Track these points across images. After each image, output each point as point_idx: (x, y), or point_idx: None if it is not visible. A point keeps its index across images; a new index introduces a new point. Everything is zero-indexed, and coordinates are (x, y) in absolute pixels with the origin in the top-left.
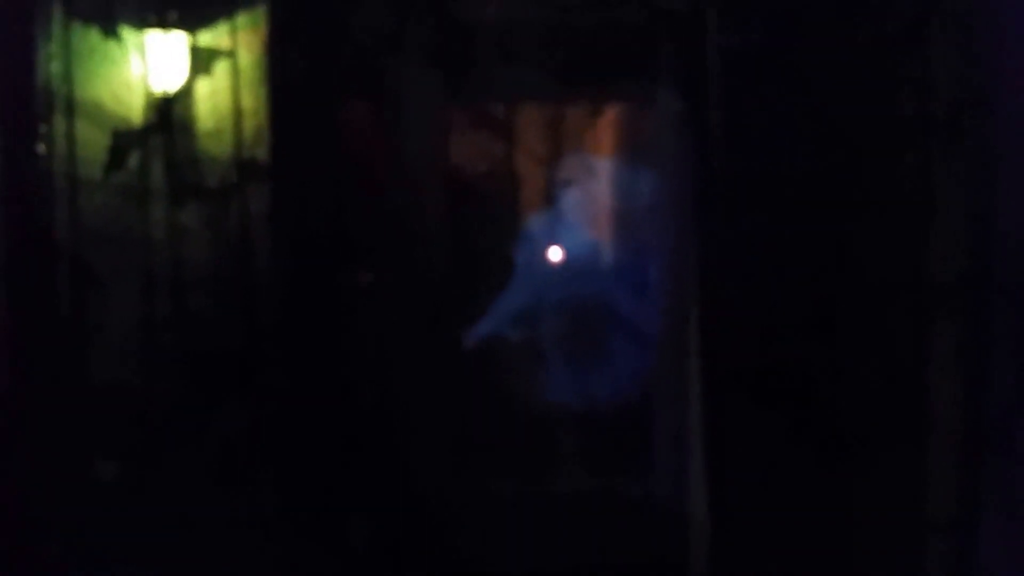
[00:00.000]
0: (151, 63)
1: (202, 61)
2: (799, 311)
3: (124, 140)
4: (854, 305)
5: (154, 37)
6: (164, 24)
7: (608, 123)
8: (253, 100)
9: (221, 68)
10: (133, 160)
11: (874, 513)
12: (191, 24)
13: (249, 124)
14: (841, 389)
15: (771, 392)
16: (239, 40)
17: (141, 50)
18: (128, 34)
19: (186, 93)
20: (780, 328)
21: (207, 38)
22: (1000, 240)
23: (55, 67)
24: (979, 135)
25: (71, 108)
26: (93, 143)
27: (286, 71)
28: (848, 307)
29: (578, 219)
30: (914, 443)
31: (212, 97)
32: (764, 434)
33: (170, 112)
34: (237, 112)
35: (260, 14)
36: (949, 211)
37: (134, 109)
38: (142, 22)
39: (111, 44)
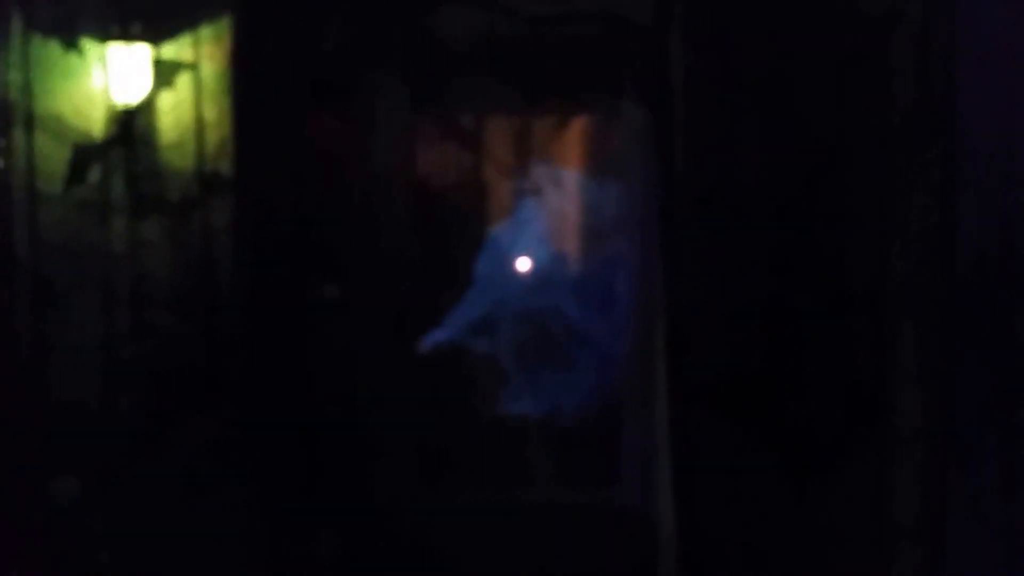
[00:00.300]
0: (113, 76)
1: (165, 73)
2: (764, 322)
3: (85, 153)
4: (818, 315)
5: (116, 49)
6: (126, 36)
7: (574, 135)
8: (216, 113)
9: (184, 81)
10: (94, 174)
11: (841, 521)
12: (154, 36)
13: (212, 137)
14: (807, 398)
15: (737, 402)
16: (202, 52)
17: (103, 62)
18: (89, 46)
19: (148, 106)
20: (745, 339)
21: (170, 50)
22: (962, 247)
23: (14, 79)
24: (939, 143)
25: (31, 121)
26: (53, 156)
27: (250, 83)
28: (812, 317)
29: (543, 231)
30: (880, 450)
31: (175, 110)
32: (731, 444)
33: (132, 125)
34: (200, 125)
35: (224, 26)
36: (911, 219)
37: (95, 122)
38: (104, 34)
39: (72, 56)
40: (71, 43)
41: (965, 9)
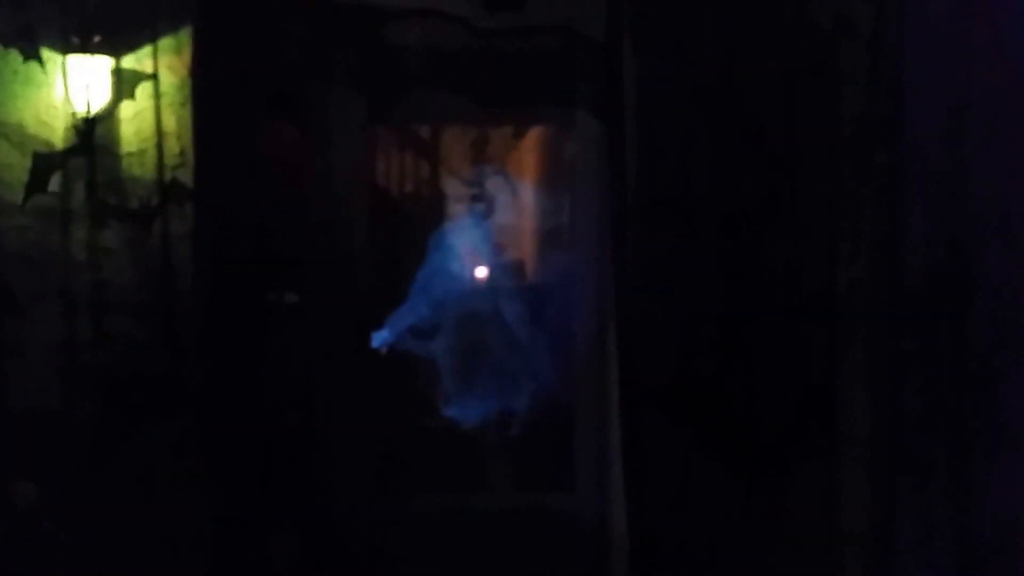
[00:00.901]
0: (73, 85)
1: (125, 83)
2: (714, 328)
3: (46, 162)
4: (767, 321)
5: (76, 59)
6: (87, 46)
7: (527, 145)
8: (176, 122)
9: (144, 90)
10: (55, 182)
11: (790, 526)
12: (114, 47)
13: (172, 146)
14: (757, 404)
15: (688, 407)
16: (162, 62)
17: (63, 72)
18: (50, 56)
19: (109, 115)
20: (696, 344)
21: (130, 61)
22: (911, 255)
23: None
24: (887, 152)
25: None
26: (14, 165)
27: (210, 94)
28: (761, 323)
29: (494, 238)
30: (829, 456)
31: (135, 119)
32: (681, 449)
33: (92, 134)
34: (160, 134)
35: (184, 37)
36: (860, 227)
37: (56, 131)
38: (64, 45)
39: (33, 66)
40: (32, 53)
41: (914, 18)
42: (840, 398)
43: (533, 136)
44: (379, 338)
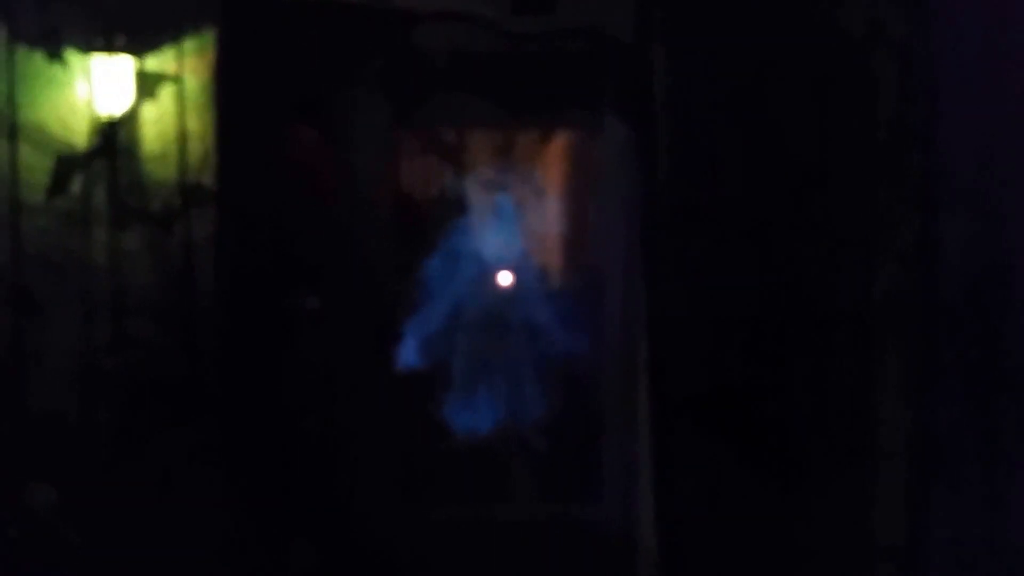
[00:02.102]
0: (96, 87)
1: (148, 85)
2: (746, 337)
3: (68, 164)
4: (801, 331)
5: (100, 61)
6: (110, 48)
7: (556, 150)
8: (200, 125)
9: (167, 92)
10: (76, 184)
11: (822, 538)
12: (138, 48)
13: (195, 149)
14: (789, 415)
15: (719, 418)
16: (186, 65)
17: (87, 74)
18: (74, 58)
19: (131, 117)
20: (728, 354)
21: (154, 62)
22: (945, 263)
23: None
24: (921, 163)
25: (14, 131)
26: (36, 167)
27: (233, 96)
28: (795, 333)
29: (523, 243)
30: (861, 467)
31: (158, 121)
32: (712, 460)
33: (115, 136)
34: (183, 137)
35: (208, 40)
36: (893, 235)
37: (78, 133)
38: (88, 46)
39: (56, 67)
40: (56, 54)
41: (945, 23)
42: (874, 408)
43: (560, 140)
44: (408, 346)
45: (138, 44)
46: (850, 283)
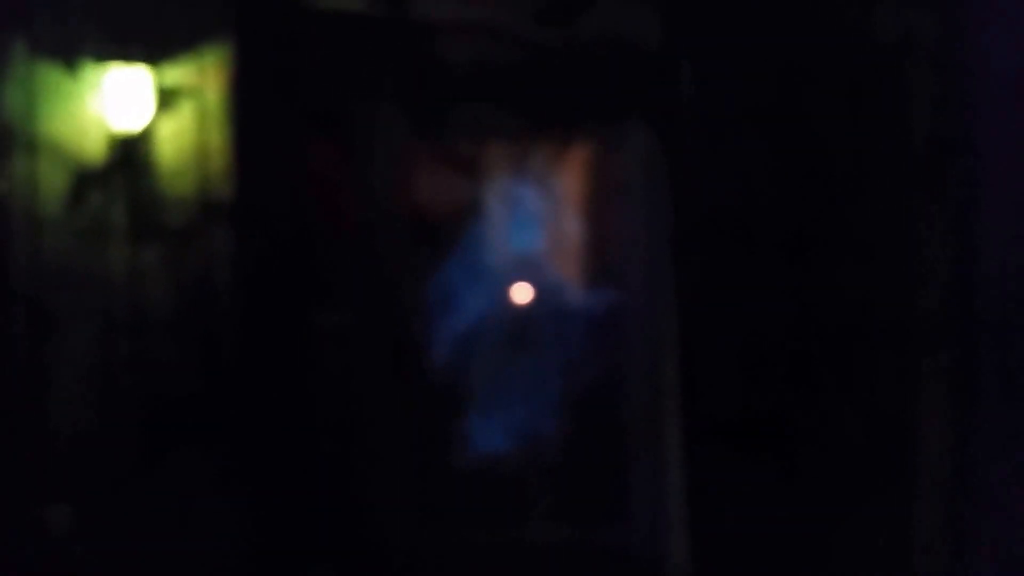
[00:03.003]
0: (114, 102)
1: (167, 100)
2: (780, 356)
3: (85, 179)
4: (836, 351)
5: (118, 75)
6: (128, 63)
7: (581, 162)
8: (218, 139)
9: (186, 107)
10: (94, 199)
11: (860, 564)
12: (156, 62)
13: (213, 164)
14: (826, 436)
15: (753, 438)
16: (204, 79)
17: (104, 88)
18: (91, 72)
19: (150, 132)
20: (762, 372)
21: (172, 77)
22: (984, 280)
23: (16, 103)
24: (959, 173)
25: (32, 146)
26: (52, 182)
27: (251, 110)
28: (830, 353)
29: (546, 259)
30: (900, 492)
31: (176, 136)
32: (747, 483)
33: (133, 151)
34: (202, 151)
35: (225, 53)
36: (930, 251)
37: (96, 148)
38: (106, 60)
39: (74, 82)
40: (73, 68)
41: (981, 33)
42: (915, 430)
43: (583, 153)
44: (422, 357)
45: (156, 58)
46: (888, 299)
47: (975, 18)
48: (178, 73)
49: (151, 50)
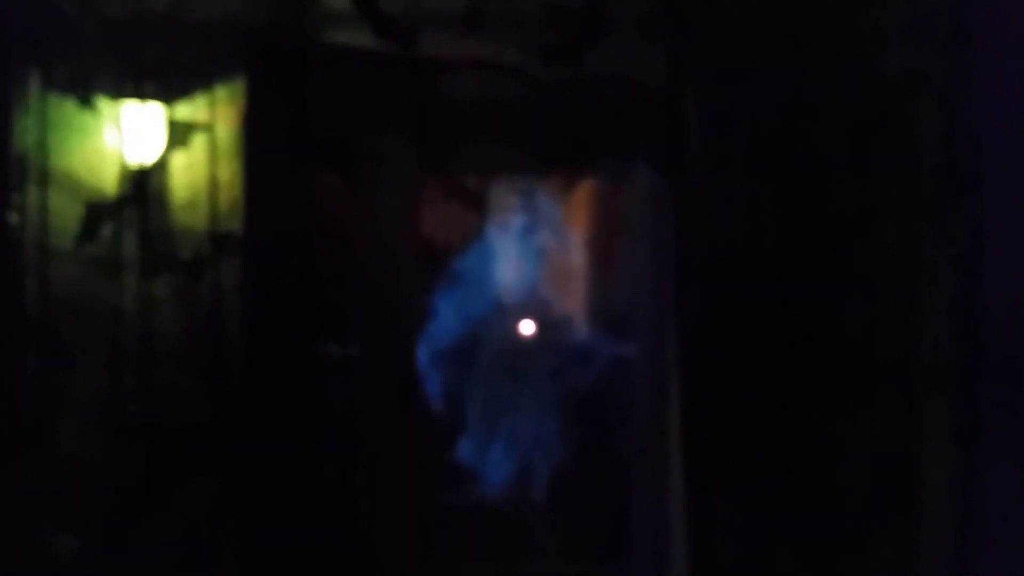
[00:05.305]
0: (127, 135)
1: (179, 133)
2: (786, 393)
3: (97, 211)
4: (842, 387)
5: (131, 109)
6: (141, 96)
7: (584, 199)
8: (229, 173)
9: (198, 141)
10: (106, 231)
11: None
12: (168, 96)
13: (225, 197)
14: (830, 474)
15: (757, 475)
16: (217, 113)
17: (117, 122)
18: (105, 105)
19: (162, 165)
20: (766, 410)
21: (184, 111)
22: (991, 319)
23: (30, 136)
24: (965, 211)
25: (45, 178)
26: (66, 214)
27: (262, 145)
28: (836, 389)
29: (549, 295)
30: (903, 529)
31: (188, 169)
32: (751, 522)
33: (145, 184)
34: (213, 185)
35: (237, 88)
36: (936, 289)
37: (109, 180)
38: (119, 93)
39: (87, 115)
40: (87, 101)
41: (988, 70)
42: (919, 468)
43: (589, 190)
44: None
45: (169, 92)
46: (893, 338)
47: (982, 56)
48: (191, 107)
49: (164, 84)
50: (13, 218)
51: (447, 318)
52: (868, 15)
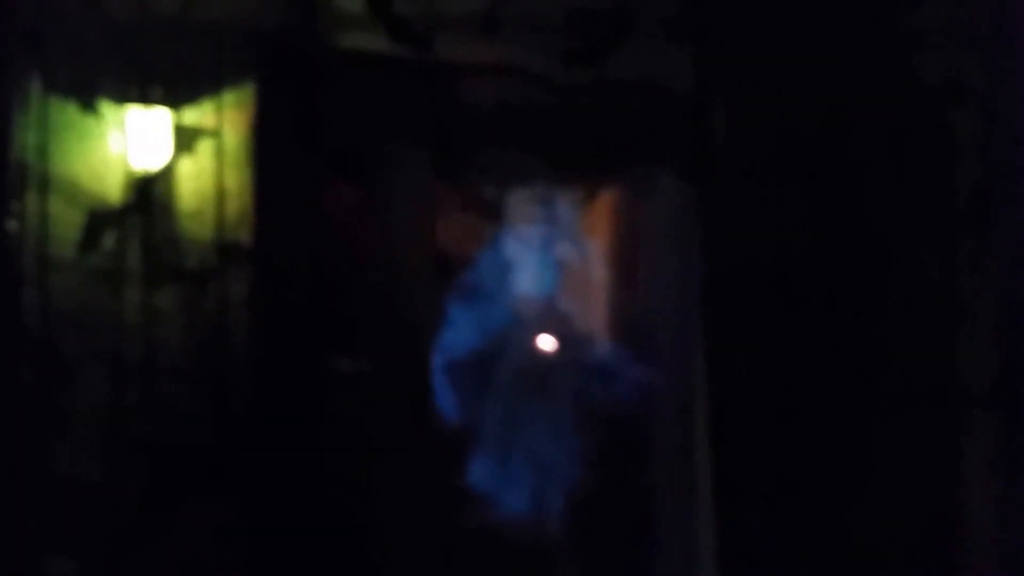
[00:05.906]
0: (131, 140)
1: (185, 140)
2: (818, 415)
3: (100, 219)
4: (876, 409)
5: (135, 113)
6: (146, 100)
7: (608, 208)
8: (237, 181)
9: (205, 147)
10: (109, 240)
11: None
12: (175, 101)
13: (233, 205)
14: (865, 501)
15: (788, 503)
16: (224, 119)
17: (121, 126)
18: (108, 110)
19: (167, 172)
20: (797, 431)
21: (191, 116)
22: None
23: (31, 141)
24: (1005, 221)
25: (46, 184)
26: (67, 221)
27: (271, 152)
28: (870, 411)
29: (570, 307)
30: (946, 558)
31: (195, 177)
32: (780, 548)
33: (149, 191)
34: (220, 193)
35: (246, 93)
36: (977, 304)
37: (112, 187)
38: (123, 97)
39: (90, 119)
40: (90, 105)
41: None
42: (959, 495)
43: (611, 199)
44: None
45: (175, 96)
46: (932, 356)
47: (1022, 62)
48: (198, 113)
49: (170, 88)
50: (12, 226)
51: (462, 332)
52: (903, 18)
